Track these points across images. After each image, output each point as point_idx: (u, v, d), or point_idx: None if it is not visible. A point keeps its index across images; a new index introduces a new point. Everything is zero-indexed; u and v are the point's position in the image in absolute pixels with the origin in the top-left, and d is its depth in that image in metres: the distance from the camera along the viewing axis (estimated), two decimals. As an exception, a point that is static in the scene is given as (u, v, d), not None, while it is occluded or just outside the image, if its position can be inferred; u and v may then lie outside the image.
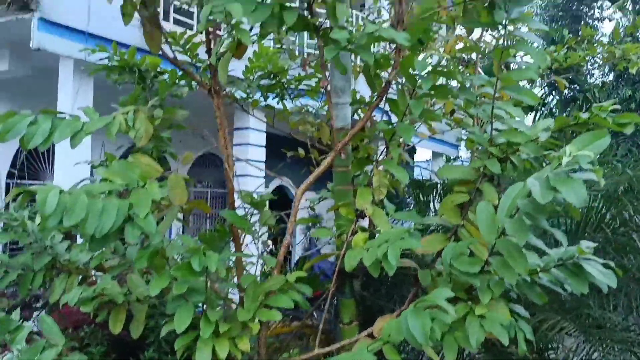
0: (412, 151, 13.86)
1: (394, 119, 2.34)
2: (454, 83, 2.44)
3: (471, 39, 3.85)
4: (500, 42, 2.09)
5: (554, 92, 14.33)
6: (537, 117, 14.28)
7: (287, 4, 1.91)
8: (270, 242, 5.55)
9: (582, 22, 15.65)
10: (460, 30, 4.31)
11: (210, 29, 2.41)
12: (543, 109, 14.17)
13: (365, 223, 2.44)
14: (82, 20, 5.28)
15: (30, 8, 4.98)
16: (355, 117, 2.96)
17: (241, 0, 1.79)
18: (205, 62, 2.53)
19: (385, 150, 2.49)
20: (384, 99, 2.23)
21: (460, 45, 4.45)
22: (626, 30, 4.43)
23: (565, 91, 13.87)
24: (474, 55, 4.83)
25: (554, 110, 13.96)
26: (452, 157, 10.87)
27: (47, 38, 5.19)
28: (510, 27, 2.05)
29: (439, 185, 5.00)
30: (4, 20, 5.23)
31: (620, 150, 13.14)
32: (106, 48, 3.00)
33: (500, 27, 1.96)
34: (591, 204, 3.38)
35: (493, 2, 1.93)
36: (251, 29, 1.82)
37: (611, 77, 13.79)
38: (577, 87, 13.75)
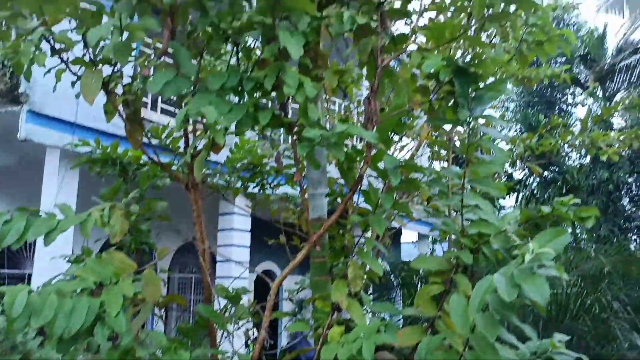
0: (397, 233, 13.92)
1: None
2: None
3: (444, 128, 4.01)
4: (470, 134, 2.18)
5: (534, 174, 14.68)
6: (519, 198, 14.54)
7: (261, 103, 2.02)
8: (253, 331, 5.43)
9: (557, 108, 16.31)
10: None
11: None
12: (524, 190, 14.46)
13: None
14: (70, 111, 5.42)
15: (20, 101, 5.13)
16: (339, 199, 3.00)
17: (216, 102, 1.88)
18: (184, 156, 2.60)
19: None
20: (357, 190, 2.29)
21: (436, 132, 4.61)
22: (593, 120, 4.64)
23: (546, 173, 14.22)
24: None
25: (535, 191, 14.22)
26: (437, 240, 10.90)
27: (34, 129, 5.30)
28: (483, 120, 2.16)
29: (422, 269, 5.01)
30: (-8, 113, 5.36)
31: (603, 230, 13.34)
32: (89, 142, 3.09)
33: (465, 124, 2.06)
34: (571, 290, 3.39)
35: (457, 102, 2.04)
36: (227, 129, 1.90)
37: (588, 159, 14.21)
38: (557, 169, 14.11)
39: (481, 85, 2.09)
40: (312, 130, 1.92)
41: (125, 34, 2.00)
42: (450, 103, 2.12)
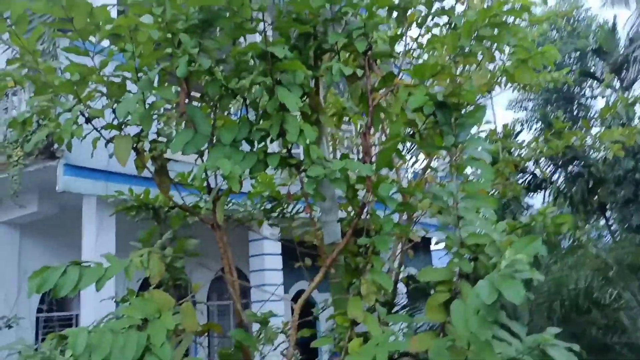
0: (427, 242, 14.02)
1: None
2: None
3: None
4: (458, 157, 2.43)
5: (559, 169, 14.67)
6: (546, 195, 14.51)
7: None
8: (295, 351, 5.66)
9: (576, 102, 16.27)
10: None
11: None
12: (551, 186, 14.42)
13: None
14: (102, 161, 5.82)
15: (57, 156, 5.55)
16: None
17: (230, 152, 2.18)
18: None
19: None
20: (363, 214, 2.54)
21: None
22: (601, 117, 4.80)
23: (570, 167, 14.19)
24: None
25: (562, 187, 14.17)
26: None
27: (71, 181, 5.71)
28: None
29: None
30: (33, 169, 5.79)
31: (635, 220, 13.20)
32: (123, 192, 3.43)
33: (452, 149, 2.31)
34: (584, 283, 3.55)
35: (442, 130, 2.29)
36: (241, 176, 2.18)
37: (613, 149, 14.10)
38: (582, 163, 14.06)
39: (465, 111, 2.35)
40: (315, 169, 2.19)
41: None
42: (438, 131, 2.37)
